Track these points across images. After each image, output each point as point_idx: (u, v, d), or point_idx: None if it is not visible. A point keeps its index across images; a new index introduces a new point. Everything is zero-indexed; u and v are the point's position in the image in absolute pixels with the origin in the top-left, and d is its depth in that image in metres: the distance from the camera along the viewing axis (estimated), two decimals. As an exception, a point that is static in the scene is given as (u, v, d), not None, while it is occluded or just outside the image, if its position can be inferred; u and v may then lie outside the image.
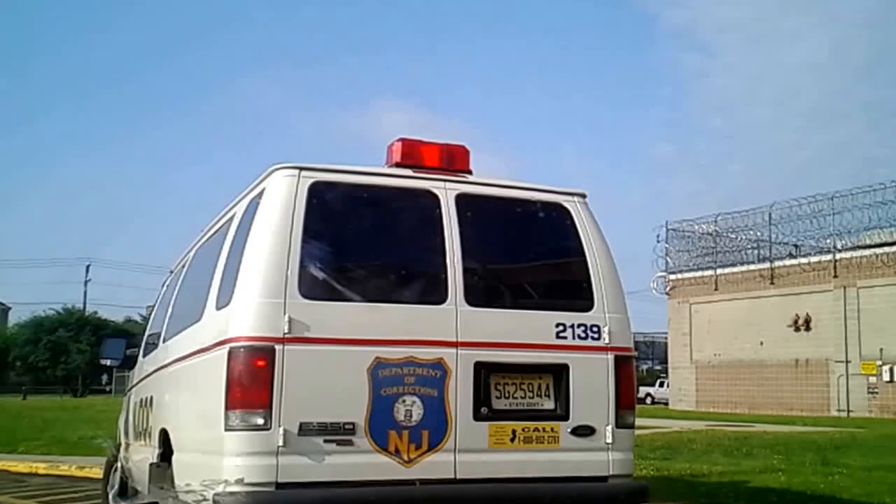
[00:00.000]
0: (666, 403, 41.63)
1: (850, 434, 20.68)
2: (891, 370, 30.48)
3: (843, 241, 33.53)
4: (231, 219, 5.70)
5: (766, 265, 35.71)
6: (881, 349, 30.73)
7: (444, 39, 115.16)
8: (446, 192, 5.30)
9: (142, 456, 6.92)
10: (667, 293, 40.16)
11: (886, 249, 31.26)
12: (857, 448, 16.76)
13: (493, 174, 5.87)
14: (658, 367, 56.25)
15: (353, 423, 4.64)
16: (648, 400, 50.44)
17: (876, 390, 31.04)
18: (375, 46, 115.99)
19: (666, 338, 43.13)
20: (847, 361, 31.95)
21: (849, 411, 31.39)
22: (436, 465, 4.81)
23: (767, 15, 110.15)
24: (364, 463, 4.64)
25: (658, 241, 40.02)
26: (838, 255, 32.96)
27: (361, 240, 5.29)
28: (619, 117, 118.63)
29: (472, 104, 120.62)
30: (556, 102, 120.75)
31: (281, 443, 4.51)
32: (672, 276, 39.81)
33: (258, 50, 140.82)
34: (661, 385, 48.43)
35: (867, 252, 31.99)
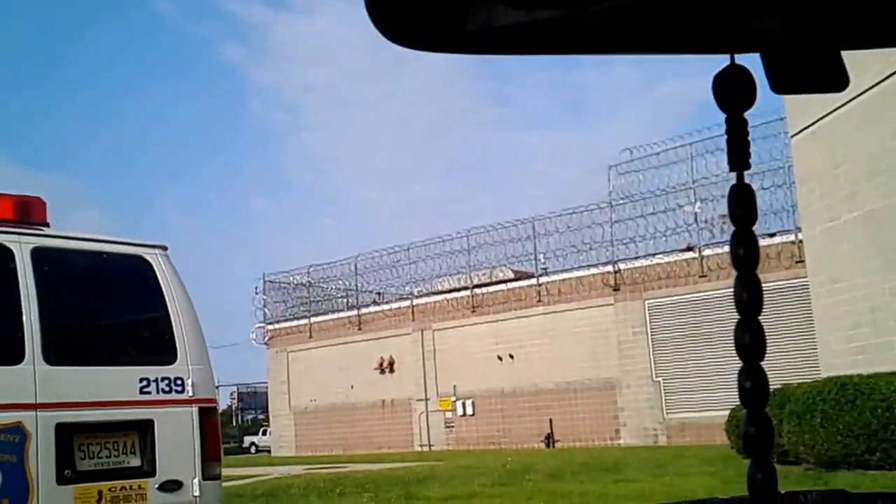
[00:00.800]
0: (269, 451, 41.73)
1: (431, 467, 22.14)
2: (464, 405, 33.14)
3: (420, 288, 36.10)
4: None
5: (354, 312, 37.36)
6: (454, 386, 33.37)
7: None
8: (21, 245, 5.09)
9: None
10: (266, 343, 40.47)
11: (455, 294, 34.13)
12: (436, 480, 18.06)
13: (91, 229, 5.76)
14: (262, 416, 56.18)
15: None
16: (253, 449, 50.21)
17: (452, 424, 33.59)
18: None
19: (266, 387, 43.35)
20: (427, 399, 34.22)
21: (430, 445, 33.62)
22: None
23: (345, 80, 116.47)
24: None
25: (256, 293, 40.38)
26: (416, 301, 35.37)
27: None
28: (216, 173, 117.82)
29: (65, 158, 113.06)
30: (155, 155, 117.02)
31: None
32: (270, 327, 40.22)
33: None
34: (265, 433, 48.51)
35: (439, 297, 34.71)
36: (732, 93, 0.86)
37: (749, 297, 0.89)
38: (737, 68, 0.84)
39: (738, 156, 0.87)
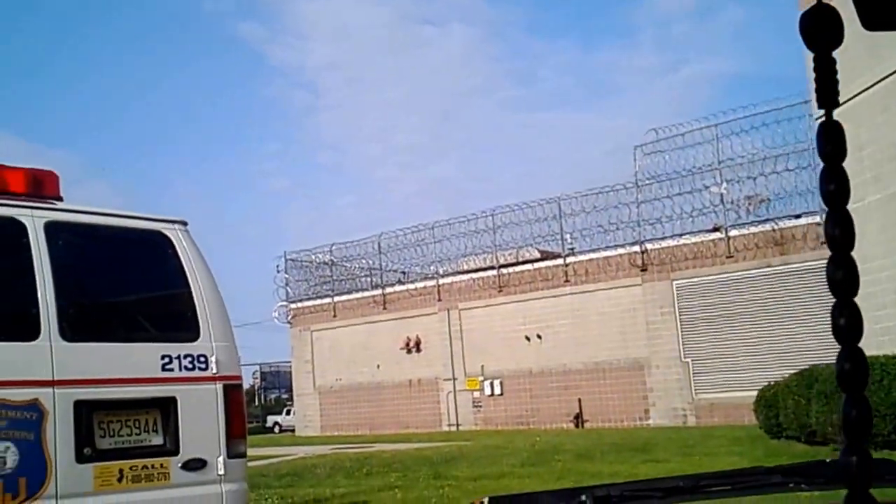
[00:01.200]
0: (293, 431, 41.86)
1: (459, 447, 22.14)
2: (491, 385, 33.10)
3: (445, 268, 35.94)
4: None
5: (379, 291, 37.29)
6: (482, 366, 33.31)
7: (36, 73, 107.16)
8: (34, 220, 4.92)
9: None
10: (289, 322, 40.50)
11: (481, 274, 34.02)
12: (464, 460, 18.01)
13: (104, 205, 5.58)
14: (285, 396, 56.38)
15: None
16: (277, 429, 50.37)
17: (480, 404, 33.54)
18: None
19: (291, 366, 43.42)
20: (454, 379, 34.19)
21: (458, 425, 33.59)
22: None
23: (364, 59, 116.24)
24: None
25: (278, 272, 40.36)
26: (441, 281, 35.27)
27: None
28: (236, 152, 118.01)
29: (80, 136, 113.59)
30: (174, 135, 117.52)
31: None
32: (293, 305, 40.24)
33: None
34: (288, 413, 48.64)
35: (465, 277, 34.60)
36: (820, 32, 0.87)
37: (844, 275, 0.90)
38: (824, 7, 0.86)
39: (827, 94, 0.90)
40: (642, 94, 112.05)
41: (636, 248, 29.87)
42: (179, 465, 5.08)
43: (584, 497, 1.82)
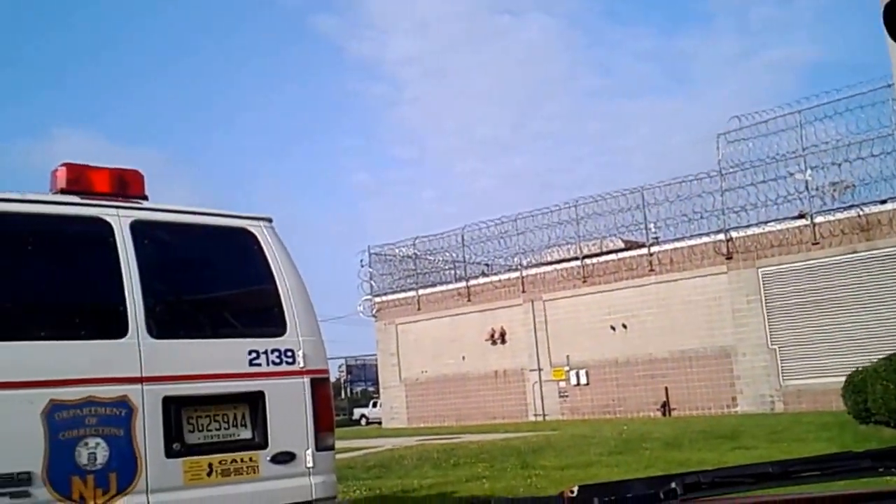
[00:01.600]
0: (380, 423, 42.26)
1: (546, 437, 22.03)
2: (577, 375, 32.91)
3: (528, 259, 35.80)
4: None
5: (463, 284, 37.35)
6: (567, 356, 33.14)
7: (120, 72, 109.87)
8: (120, 219, 4.99)
9: None
10: (373, 315, 40.86)
11: (565, 265, 33.80)
12: (551, 450, 17.89)
13: (191, 204, 5.65)
14: (371, 389, 56.97)
15: (28, 473, 4.26)
16: (363, 421, 50.95)
17: (566, 394, 33.37)
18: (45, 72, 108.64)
19: (376, 359, 43.83)
20: (539, 369, 34.08)
21: (544, 415, 33.47)
22: None
23: (443, 51, 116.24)
24: None
25: (362, 266, 40.74)
26: (525, 272, 35.15)
27: (26, 273, 4.86)
28: (316, 148, 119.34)
29: (162, 134, 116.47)
30: (253, 130, 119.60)
31: None
32: (377, 299, 40.58)
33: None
34: (375, 405, 49.14)
35: (549, 268, 34.41)
36: None
37: None
38: None
39: None
40: (723, 81, 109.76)
41: (721, 237, 29.47)
42: (268, 458, 5.12)
43: (673, 484, 1.80)
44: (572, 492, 1.77)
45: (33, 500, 4.26)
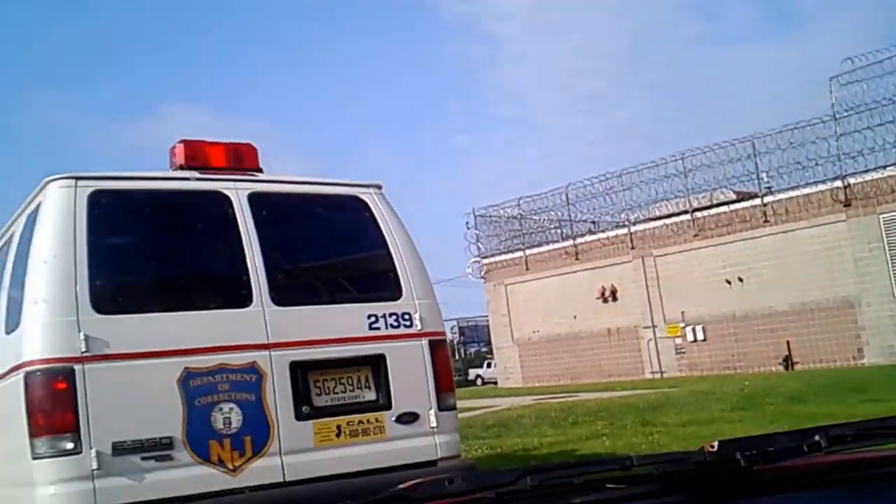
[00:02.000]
0: (495, 383, 42.55)
1: (664, 394, 21.75)
2: (693, 330, 32.32)
3: (636, 215, 35.16)
4: (10, 239, 5.36)
5: (570, 242, 37.02)
6: (682, 312, 32.55)
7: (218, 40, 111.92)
8: (237, 192, 5.15)
9: None
10: (482, 277, 40.98)
11: (674, 220, 33.10)
12: (671, 406, 17.67)
13: (297, 173, 5.80)
14: (485, 349, 57.34)
15: (169, 438, 4.48)
16: (479, 381, 51.42)
17: (683, 350, 32.84)
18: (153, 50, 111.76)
19: (487, 320, 44.02)
20: (654, 326, 33.60)
21: (661, 372, 33.05)
22: (263, 470, 4.71)
23: (540, 6, 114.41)
24: (187, 477, 4.48)
25: (468, 228, 40.84)
26: (633, 228, 34.58)
27: (153, 248, 5.09)
28: (415, 110, 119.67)
29: (266, 104, 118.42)
30: (348, 96, 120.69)
31: (95, 465, 4.28)
32: (485, 261, 40.65)
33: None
34: (489, 366, 49.51)
35: (658, 223, 33.75)
36: None
37: None
38: None
39: None
40: (833, 20, 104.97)
41: (838, 183, 28.21)
42: (393, 418, 5.22)
43: (817, 437, 1.76)
44: (712, 446, 1.76)
45: (176, 462, 4.47)
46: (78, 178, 4.79)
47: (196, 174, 5.23)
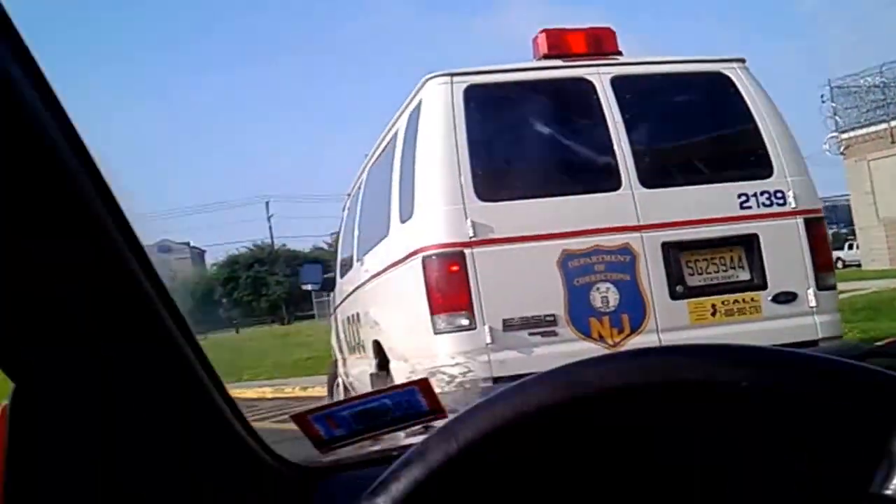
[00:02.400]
0: (858, 265, 39.92)
1: None
2: None
3: None
4: (395, 135, 5.76)
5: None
6: None
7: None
8: (600, 76, 5.18)
9: (360, 368, 7.12)
10: (841, 153, 38.05)
11: None
12: None
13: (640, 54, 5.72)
14: (844, 230, 53.78)
15: (553, 315, 4.73)
16: (839, 264, 48.41)
17: None
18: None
19: (846, 199, 41.07)
20: None
21: None
22: (642, 346, 4.85)
23: None
24: (572, 351, 4.60)
25: (823, 101, 37.80)
26: None
27: (524, 136, 5.30)
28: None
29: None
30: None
31: (489, 340, 4.65)
32: (844, 136, 37.65)
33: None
34: (850, 248, 46.56)
35: None
36: None
37: None
38: None
39: None
40: None
41: None
42: (769, 298, 5.11)
43: None
44: None
45: (561, 338, 4.74)
46: (453, 75, 5.06)
47: (559, 62, 5.33)
